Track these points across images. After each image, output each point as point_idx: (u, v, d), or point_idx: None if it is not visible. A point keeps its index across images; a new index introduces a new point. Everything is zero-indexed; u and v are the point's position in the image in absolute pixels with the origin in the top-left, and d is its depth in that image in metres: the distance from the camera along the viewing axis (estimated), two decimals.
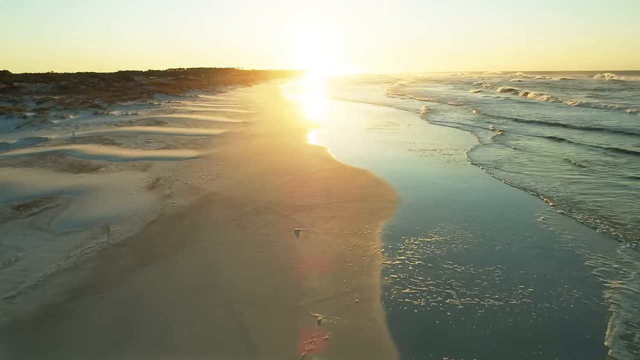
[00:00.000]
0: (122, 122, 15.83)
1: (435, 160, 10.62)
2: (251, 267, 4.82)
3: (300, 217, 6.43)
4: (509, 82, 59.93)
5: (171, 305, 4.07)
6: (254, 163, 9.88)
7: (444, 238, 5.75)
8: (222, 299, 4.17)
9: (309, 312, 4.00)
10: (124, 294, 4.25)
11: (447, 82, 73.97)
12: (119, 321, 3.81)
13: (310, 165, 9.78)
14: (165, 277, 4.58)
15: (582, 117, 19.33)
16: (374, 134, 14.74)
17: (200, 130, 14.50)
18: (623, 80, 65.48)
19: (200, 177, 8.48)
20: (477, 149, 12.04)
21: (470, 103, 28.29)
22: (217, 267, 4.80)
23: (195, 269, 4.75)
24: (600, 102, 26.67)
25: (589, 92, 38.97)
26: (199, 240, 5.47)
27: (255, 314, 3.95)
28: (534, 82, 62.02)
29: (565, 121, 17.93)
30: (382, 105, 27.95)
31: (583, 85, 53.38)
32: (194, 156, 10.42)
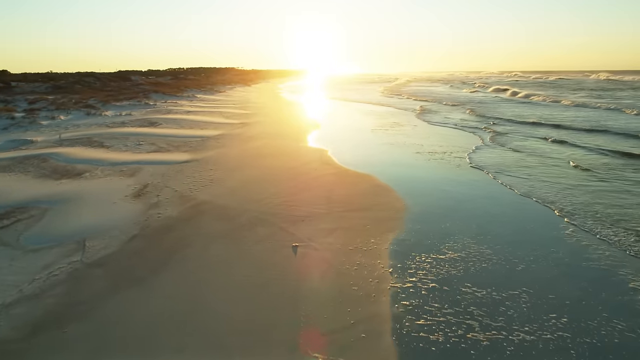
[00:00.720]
0: (114, 123, 15.22)
1: (440, 164, 10.01)
2: (242, 293, 4.21)
3: (298, 229, 5.82)
4: (503, 82, 59.52)
5: (146, 340, 3.46)
6: (250, 167, 9.28)
7: (459, 254, 5.14)
8: (206, 333, 3.56)
9: (307, 350, 3.39)
10: (92, 326, 3.65)
11: (445, 81, 73.43)
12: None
13: (310, 169, 9.17)
14: (142, 305, 3.97)
15: (579, 118, 18.75)
16: (375, 136, 14.13)
17: (195, 132, 13.89)
18: (617, 80, 65.35)
19: (191, 184, 7.87)
20: (481, 152, 11.42)
21: (468, 103, 27.67)
22: (202, 294, 4.19)
23: (176, 296, 4.14)
24: (595, 102, 26.16)
25: (585, 92, 38.35)
26: (184, 260, 4.86)
27: (244, 354, 3.34)
28: (530, 82, 61.91)
29: (561, 121, 17.39)
30: (381, 105, 27.33)
31: (577, 84, 52.78)
32: (186, 160, 9.81)
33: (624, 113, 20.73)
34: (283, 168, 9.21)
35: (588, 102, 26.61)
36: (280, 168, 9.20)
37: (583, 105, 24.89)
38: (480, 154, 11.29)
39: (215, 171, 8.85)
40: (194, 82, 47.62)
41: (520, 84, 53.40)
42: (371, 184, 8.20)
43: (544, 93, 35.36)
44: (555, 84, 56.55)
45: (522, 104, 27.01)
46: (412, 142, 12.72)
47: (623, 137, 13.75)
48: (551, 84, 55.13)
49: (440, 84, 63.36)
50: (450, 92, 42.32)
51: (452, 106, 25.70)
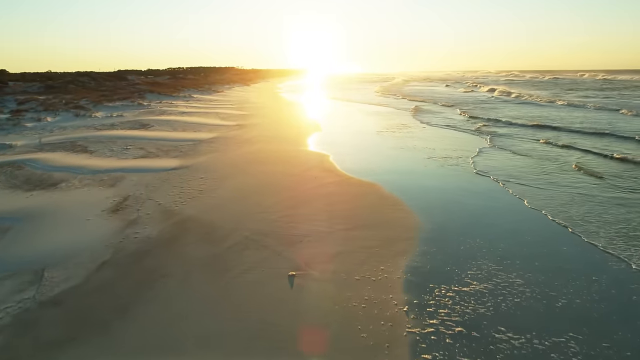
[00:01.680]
0: (103, 126, 14.42)
1: (447, 170, 9.21)
2: (223, 345, 3.42)
3: (295, 253, 5.03)
4: (498, 82, 59.18)
5: None
6: (244, 175, 8.48)
7: (485, 286, 4.34)
8: None
9: None
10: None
11: (442, 80, 72.72)
12: None
13: (310, 178, 8.38)
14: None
15: (577, 119, 17.97)
16: (377, 138, 13.33)
17: (187, 135, 13.09)
18: (611, 79, 65.06)
19: (177, 195, 7.07)
20: (486, 156, 10.63)
21: (463, 103, 26.91)
22: (174, 345, 3.40)
23: (143, 348, 3.35)
24: (590, 102, 25.45)
25: (579, 92, 37.60)
26: (158, 297, 4.06)
27: None
28: (524, 81, 61.83)
29: (560, 123, 16.58)
30: (380, 105, 26.52)
31: (572, 84, 52.05)
32: (174, 167, 9.01)
33: (620, 114, 20.00)
34: (280, 176, 8.42)
35: (582, 102, 25.85)
36: (277, 176, 8.41)
37: (578, 105, 24.02)
38: (485, 158, 10.52)
39: (206, 180, 8.06)
40: (192, 81, 46.84)
41: (515, 84, 53.32)
42: (377, 194, 7.40)
43: (537, 93, 34.91)
44: (550, 83, 56.17)
45: (519, 104, 26.05)
46: (415, 146, 11.92)
47: (622, 139, 12.99)
48: (546, 83, 54.87)
49: (438, 83, 62.61)
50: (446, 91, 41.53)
51: (449, 107, 24.89)
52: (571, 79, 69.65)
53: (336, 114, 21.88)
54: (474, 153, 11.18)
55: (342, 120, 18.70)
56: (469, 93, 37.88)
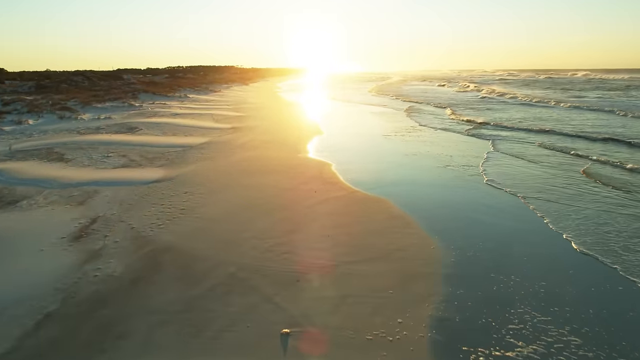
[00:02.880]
0: (88, 129, 13.43)
1: (461, 181, 8.22)
2: None
3: (291, 298, 4.05)
4: (491, 81, 58.82)
5: None
6: (235, 189, 7.49)
7: (534, 349, 3.36)
8: None
9: None
10: None
11: (437, 80, 71.65)
12: None
13: (310, 192, 7.39)
14: None
15: (572, 121, 17.03)
16: (381, 143, 12.34)
17: (177, 140, 12.09)
18: (602, 78, 64.71)
19: (155, 216, 6.08)
20: (495, 165, 9.62)
21: (460, 104, 25.94)
22: None
23: None
24: (588, 103, 24.44)
25: (573, 92, 36.65)
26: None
27: None
28: (519, 80, 61.50)
29: (561, 127, 15.60)
30: (379, 106, 25.52)
31: (566, 83, 51.12)
32: (157, 179, 8.02)
33: (616, 115, 19.07)
34: (275, 191, 7.43)
35: (578, 102, 24.76)
36: (271, 191, 7.41)
37: (575, 106, 22.86)
38: (494, 165, 9.57)
39: (191, 195, 7.06)
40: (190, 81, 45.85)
41: (508, 83, 52.79)
42: (386, 213, 6.42)
43: (530, 93, 34.15)
44: (545, 82, 55.57)
45: (515, 105, 24.83)
46: (420, 152, 10.91)
47: (625, 145, 12.04)
48: (542, 82, 54.32)
49: (434, 82, 61.57)
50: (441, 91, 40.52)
51: (445, 107, 23.91)
52: (566, 78, 68.97)
53: (336, 115, 20.89)
54: (481, 159, 10.23)
55: (343, 122, 17.70)
56: (462, 93, 36.86)
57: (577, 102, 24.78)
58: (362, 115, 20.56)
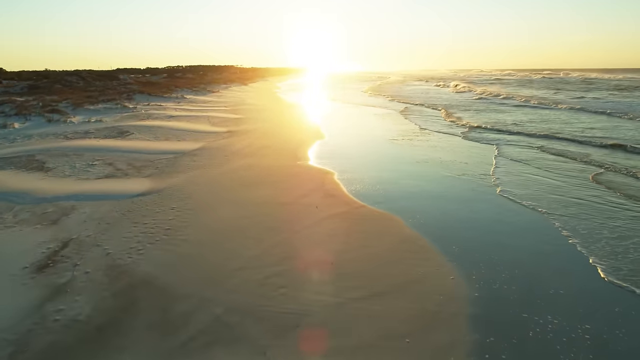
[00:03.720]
0: (76, 134, 12.72)
1: (475, 194, 7.52)
2: None
3: (289, 351, 3.35)
4: (485, 82, 58.53)
5: None
6: (227, 204, 6.78)
7: None
8: None
9: None
10: None
11: (433, 80, 71.22)
12: None
13: (310, 207, 6.69)
14: None
15: (572, 124, 16.26)
16: (385, 149, 11.62)
17: (169, 145, 11.39)
18: (595, 78, 64.46)
19: (135, 238, 5.38)
20: (509, 173, 8.88)
21: (460, 106, 25.25)
22: None
23: None
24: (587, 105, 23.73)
25: (566, 91, 36.05)
26: None
27: None
28: (515, 80, 61.29)
29: (558, 129, 14.89)
30: (381, 107, 24.82)
31: (561, 83, 50.59)
32: (143, 191, 7.31)
33: (617, 118, 18.36)
34: (271, 206, 6.72)
35: (581, 104, 23.96)
36: (267, 207, 6.71)
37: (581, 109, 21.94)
38: (506, 174, 8.84)
39: (177, 212, 6.36)
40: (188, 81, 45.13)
41: (507, 83, 52.46)
42: (397, 234, 5.72)
43: (529, 93, 33.55)
44: (542, 82, 55.02)
45: (514, 107, 23.88)
46: (428, 159, 10.19)
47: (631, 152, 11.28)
48: (538, 83, 53.89)
49: (435, 83, 60.82)
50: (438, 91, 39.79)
51: (445, 109, 23.22)
52: (563, 78, 68.59)
53: (337, 117, 20.18)
54: (489, 166, 9.56)
55: (344, 125, 16.98)
56: (459, 94, 36.10)
57: (578, 104, 24.02)
58: (363, 118, 19.86)
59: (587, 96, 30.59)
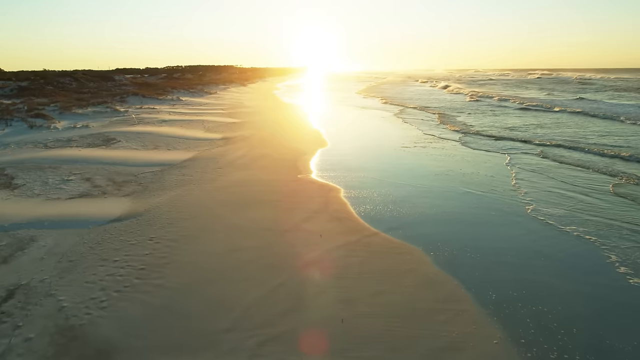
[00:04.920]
0: (57, 142, 11.71)
1: (502, 215, 6.53)
2: None
3: None
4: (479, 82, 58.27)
5: None
6: (215, 233, 5.77)
7: None
8: None
9: None
10: None
11: (430, 80, 70.61)
12: None
13: (313, 236, 5.69)
14: None
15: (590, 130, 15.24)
16: (395, 159, 10.61)
17: (157, 155, 10.38)
18: (588, 78, 65.45)
19: (100, 284, 4.37)
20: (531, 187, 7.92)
21: (467, 109, 24.27)
22: None
23: None
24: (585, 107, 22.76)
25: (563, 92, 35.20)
26: None
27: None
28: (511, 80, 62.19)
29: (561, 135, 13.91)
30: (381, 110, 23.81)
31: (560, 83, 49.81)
32: (119, 215, 6.30)
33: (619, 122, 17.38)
34: (268, 236, 5.71)
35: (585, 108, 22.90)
36: (263, 236, 5.70)
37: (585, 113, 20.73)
38: (529, 188, 7.96)
39: (157, 243, 5.35)
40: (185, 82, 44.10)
41: (505, 84, 52.82)
42: (420, 274, 4.72)
43: (528, 95, 33.01)
44: (541, 83, 54.77)
45: (518, 110, 22.79)
46: (441, 170, 9.20)
47: None
48: (533, 83, 54.16)
49: (435, 83, 59.97)
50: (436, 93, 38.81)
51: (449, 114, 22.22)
52: (561, 78, 68.14)
53: (338, 121, 19.18)
54: (509, 178, 8.64)
55: (347, 131, 15.97)
56: (456, 95, 35.09)
57: (579, 107, 22.96)
58: (364, 122, 18.86)
59: (587, 97, 29.72)
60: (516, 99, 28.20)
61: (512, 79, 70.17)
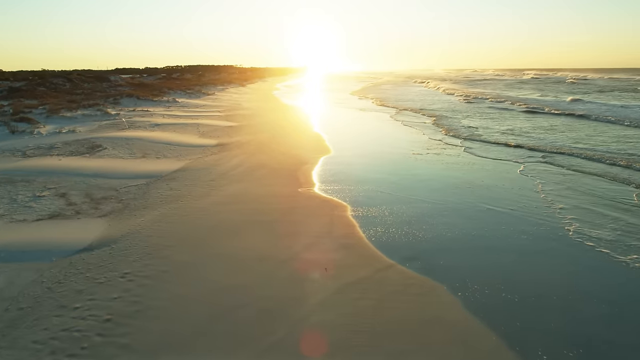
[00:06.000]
0: (38, 149, 10.81)
1: (538, 242, 5.60)
2: None
3: None
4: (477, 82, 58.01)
5: None
6: (201, 267, 4.87)
7: None
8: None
9: None
10: None
11: (437, 80, 70.08)
12: None
13: (317, 268, 4.79)
14: None
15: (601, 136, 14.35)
16: (402, 169, 9.70)
17: (144, 165, 9.48)
18: (582, 78, 64.72)
19: (48, 347, 3.47)
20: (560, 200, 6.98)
21: (468, 111, 23.36)
22: None
23: None
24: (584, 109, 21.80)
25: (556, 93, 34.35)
26: None
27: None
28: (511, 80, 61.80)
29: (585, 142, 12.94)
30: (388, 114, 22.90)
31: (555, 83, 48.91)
32: (90, 243, 5.40)
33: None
34: (264, 270, 4.81)
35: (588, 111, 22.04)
36: (258, 269, 4.79)
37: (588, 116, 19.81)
38: (562, 206, 6.92)
39: (130, 281, 4.46)
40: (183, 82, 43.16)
41: (503, 84, 52.23)
42: (450, 325, 3.83)
43: (530, 96, 31.76)
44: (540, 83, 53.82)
45: (520, 113, 21.77)
46: (458, 182, 8.30)
47: None
48: (529, 83, 53.51)
49: (435, 84, 59.08)
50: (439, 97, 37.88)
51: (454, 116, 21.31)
52: (558, 78, 67.62)
53: (339, 124, 18.27)
54: (533, 192, 7.73)
55: (347, 133, 15.06)
56: (449, 96, 34.14)
57: (583, 110, 22.05)
58: (368, 125, 17.94)
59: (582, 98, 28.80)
60: (514, 101, 27.15)
61: (507, 78, 70.13)
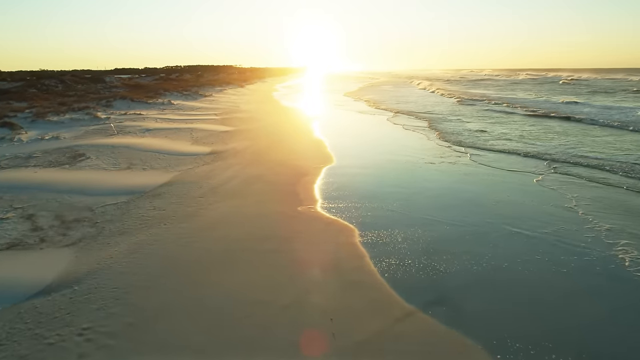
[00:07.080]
0: (15, 158, 9.90)
1: (589, 280, 4.70)
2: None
3: None
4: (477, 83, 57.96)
5: None
6: (177, 324, 3.95)
7: None
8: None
9: None
10: None
11: (436, 80, 69.29)
12: None
13: (322, 316, 3.88)
14: None
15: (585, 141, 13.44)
16: (411, 180, 8.79)
17: (127, 179, 8.56)
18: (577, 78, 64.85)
19: None
20: (608, 221, 6.09)
21: (471, 114, 22.44)
22: None
23: None
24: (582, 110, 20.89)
25: None
26: None
27: None
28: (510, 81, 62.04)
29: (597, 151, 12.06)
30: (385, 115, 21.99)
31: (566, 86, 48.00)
32: (46, 286, 4.47)
33: None
34: (256, 318, 3.89)
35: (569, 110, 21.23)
36: (248, 320, 3.88)
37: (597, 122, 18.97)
38: (610, 234, 5.98)
39: (86, 342, 3.54)
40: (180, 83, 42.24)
41: (502, 84, 52.16)
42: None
43: (532, 98, 30.90)
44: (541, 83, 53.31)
45: (521, 116, 20.76)
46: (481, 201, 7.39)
47: None
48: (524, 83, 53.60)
49: (434, 84, 58.21)
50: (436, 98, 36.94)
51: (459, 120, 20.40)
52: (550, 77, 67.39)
53: (342, 129, 17.36)
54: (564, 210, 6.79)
55: (351, 140, 14.12)
56: (448, 98, 33.17)
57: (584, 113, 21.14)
58: (371, 130, 17.03)
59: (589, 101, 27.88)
60: (514, 104, 26.22)
61: (501, 79, 70.16)
